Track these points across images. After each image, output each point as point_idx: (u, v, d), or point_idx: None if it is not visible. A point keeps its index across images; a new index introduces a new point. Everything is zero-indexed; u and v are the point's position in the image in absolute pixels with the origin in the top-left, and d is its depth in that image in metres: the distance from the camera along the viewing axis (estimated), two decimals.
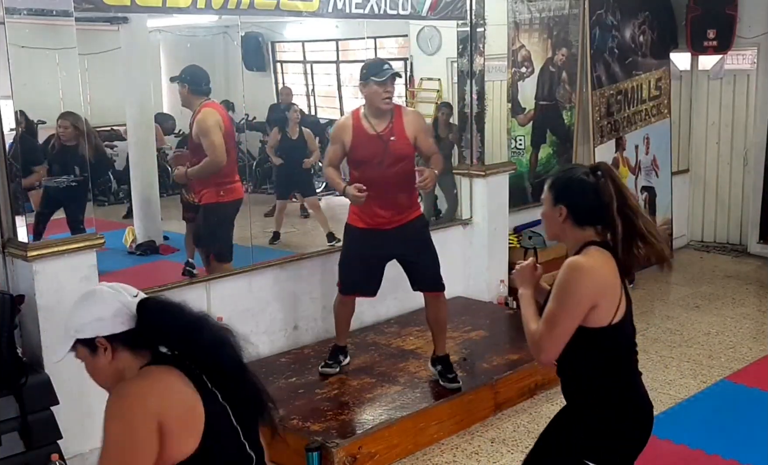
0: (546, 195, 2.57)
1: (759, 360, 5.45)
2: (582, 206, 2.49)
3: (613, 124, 7.45)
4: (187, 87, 5.18)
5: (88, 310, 1.96)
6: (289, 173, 7.47)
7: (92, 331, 1.94)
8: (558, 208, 2.51)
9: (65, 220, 4.23)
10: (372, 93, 4.37)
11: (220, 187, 5.29)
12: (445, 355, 4.67)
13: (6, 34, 3.67)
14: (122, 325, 1.94)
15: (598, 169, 2.51)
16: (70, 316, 2.00)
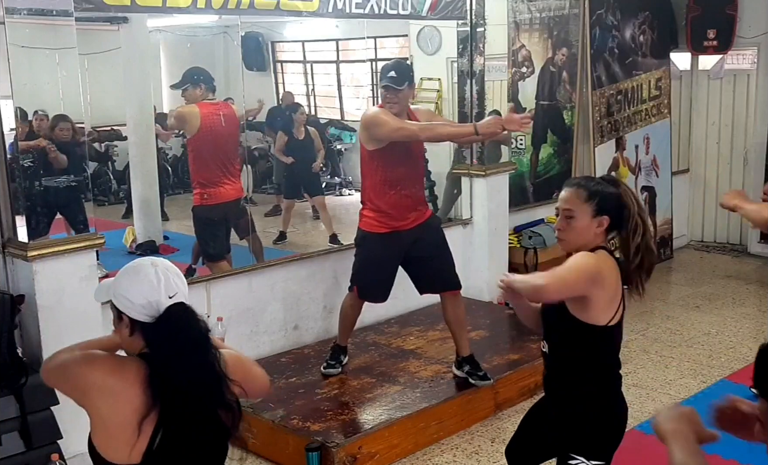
0: (582, 207, 2.59)
1: None
2: (620, 217, 2.60)
3: (613, 124, 7.45)
4: (204, 86, 5.26)
5: (127, 287, 2.02)
6: (297, 173, 7.47)
7: (122, 306, 2.02)
8: (598, 220, 2.58)
9: (62, 221, 4.24)
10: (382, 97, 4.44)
11: (205, 189, 5.35)
12: (470, 354, 4.66)
13: (6, 34, 3.67)
14: (145, 318, 2.00)
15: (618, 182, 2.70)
16: (117, 278, 2.07)
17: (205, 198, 5.37)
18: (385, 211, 4.48)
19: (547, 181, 7.14)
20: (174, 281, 2.03)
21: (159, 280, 2.00)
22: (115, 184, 8.52)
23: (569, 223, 2.61)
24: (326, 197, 7.87)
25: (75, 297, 3.92)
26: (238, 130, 5.61)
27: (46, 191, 3.93)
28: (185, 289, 2.07)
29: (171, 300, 2.00)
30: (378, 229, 4.53)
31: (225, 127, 5.37)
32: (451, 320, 4.67)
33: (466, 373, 4.62)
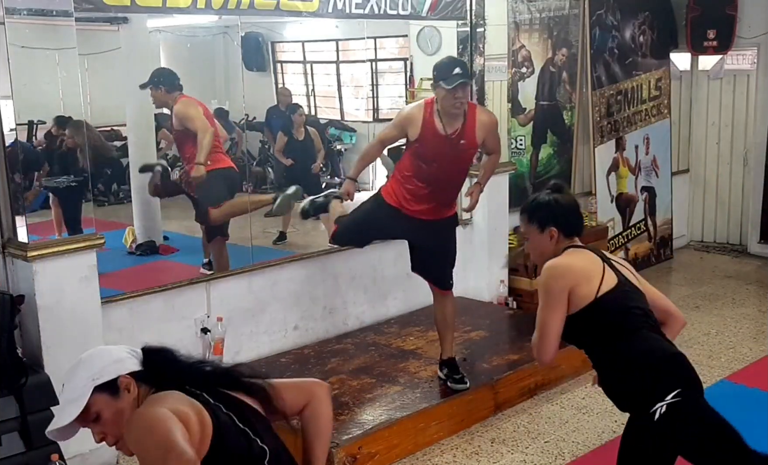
0: (527, 228, 2.89)
1: (759, 360, 5.45)
2: (566, 219, 2.85)
3: (613, 124, 7.45)
4: (164, 88, 5.44)
5: (101, 358, 2.01)
6: (297, 174, 7.47)
7: (113, 372, 1.98)
8: (548, 232, 2.83)
9: (54, 222, 4.25)
10: (441, 97, 4.16)
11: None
12: (451, 358, 4.65)
13: (6, 34, 3.67)
14: (136, 366, 2.02)
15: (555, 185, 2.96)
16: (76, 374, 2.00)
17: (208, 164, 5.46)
18: (404, 194, 4.39)
19: (547, 181, 7.08)
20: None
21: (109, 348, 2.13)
22: (115, 184, 8.51)
23: (529, 245, 2.94)
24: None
25: (75, 297, 3.92)
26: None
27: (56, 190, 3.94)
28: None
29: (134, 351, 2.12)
30: (391, 201, 4.44)
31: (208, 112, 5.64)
32: (437, 319, 4.69)
33: (445, 375, 4.61)
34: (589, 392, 4.89)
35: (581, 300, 2.69)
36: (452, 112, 4.18)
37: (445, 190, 4.40)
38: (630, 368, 2.67)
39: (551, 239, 2.83)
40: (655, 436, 2.57)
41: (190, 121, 5.39)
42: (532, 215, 2.88)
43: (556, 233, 2.83)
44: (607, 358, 2.74)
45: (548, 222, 2.84)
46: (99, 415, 1.97)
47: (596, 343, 2.76)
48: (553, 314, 2.73)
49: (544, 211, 2.86)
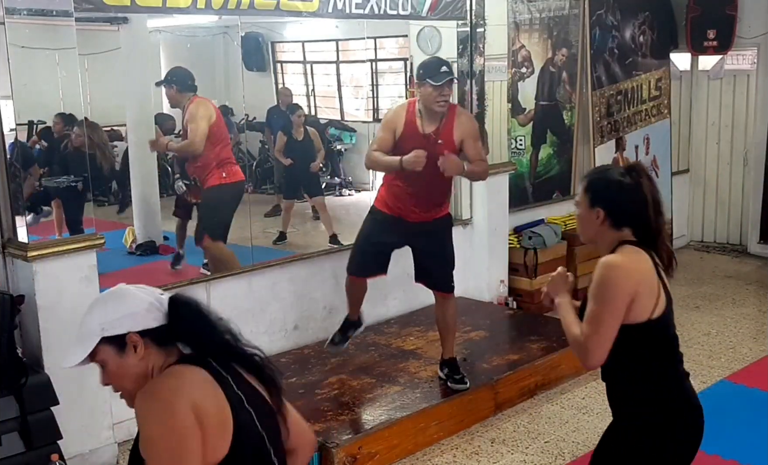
0: (581, 198, 2.53)
1: (759, 360, 5.45)
2: (620, 208, 2.47)
3: (613, 124, 7.45)
4: (175, 87, 5.38)
5: (118, 306, 1.87)
6: (296, 174, 7.48)
7: (123, 326, 1.85)
8: (595, 211, 2.48)
9: (55, 222, 4.25)
10: (426, 94, 4.24)
11: (223, 169, 5.41)
12: (451, 358, 4.66)
13: (6, 34, 3.68)
14: (155, 321, 1.88)
15: (634, 169, 2.50)
16: (92, 315, 1.89)
17: (224, 177, 5.43)
18: (391, 197, 4.47)
19: (546, 181, 7.14)
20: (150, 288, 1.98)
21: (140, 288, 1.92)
22: (115, 184, 8.52)
23: (577, 213, 2.58)
24: (327, 198, 7.87)
25: (75, 297, 3.92)
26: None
27: (46, 191, 3.93)
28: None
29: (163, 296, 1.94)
30: (382, 207, 4.53)
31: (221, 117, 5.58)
32: (438, 320, 4.70)
33: (445, 376, 4.62)
34: (589, 392, 4.89)
35: (633, 315, 2.39)
36: (435, 110, 4.27)
37: (429, 189, 4.42)
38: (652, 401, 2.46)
39: (597, 219, 2.48)
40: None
41: (192, 121, 5.34)
42: (588, 186, 2.53)
43: (603, 216, 2.47)
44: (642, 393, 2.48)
45: (599, 201, 2.48)
46: (104, 364, 1.90)
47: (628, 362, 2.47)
48: (614, 316, 2.36)
49: (601, 187, 2.50)
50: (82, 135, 4.21)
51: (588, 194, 2.51)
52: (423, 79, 4.24)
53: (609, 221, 2.47)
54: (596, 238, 2.54)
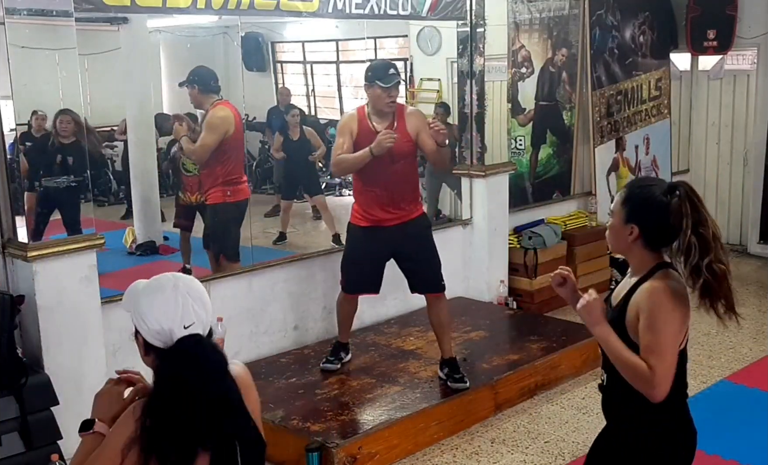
0: (617, 209, 2.42)
1: (759, 360, 5.45)
2: (656, 229, 2.36)
3: (613, 124, 7.45)
4: (197, 88, 5.24)
5: (144, 308, 1.92)
6: (294, 173, 7.47)
7: (137, 325, 1.95)
8: (629, 227, 2.38)
9: (62, 221, 4.24)
10: (375, 96, 4.43)
11: (228, 187, 5.33)
12: (451, 357, 4.67)
13: (6, 34, 3.68)
14: (157, 342, 1.92)
15: (677, 188, 2.35)
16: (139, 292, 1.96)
17: (228, 195, 5.37)
18: (365, 207, 4.59)
19: (546, 181, 7.14)
20: (192, 308, 1.91)
21: (177, 306, 1.89)
22: (115, 184, 8.52)
23: (610, 222, 2.47)
24: (327, 198, 7.87)
25: (75, 297, 3.92)
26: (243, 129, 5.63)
27: (46, 191, 3.93)
28: (205, 315, 1.94)
29: (186, 330, 1.89)
30: (360, 221, 4.62)
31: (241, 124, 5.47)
32: (433, 322, 4.71)
33: (445, 375, 4.63)
34: (589, 392, 4.89)
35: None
36: (384, 110, 4.43)
37: (397, 187, 4.51)
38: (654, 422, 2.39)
39: (630, 236, 2.38)
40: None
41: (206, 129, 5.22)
42: (628, 198, 2.41)
43: (636, 233, 2.37)
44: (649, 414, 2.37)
45: (636, 219, 2.37)
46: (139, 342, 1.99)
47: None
48: (673, 345, 2.27)
49: (642, 204, 2.38)
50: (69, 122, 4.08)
51: (625, 208, 2.40)
52: (372, 81, 4.41)
53: (642, 240, 2.38)
54: (626, 253, 2.46)
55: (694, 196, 2.36)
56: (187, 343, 1.88)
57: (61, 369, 3.84)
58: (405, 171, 4.54)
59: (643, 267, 2.40)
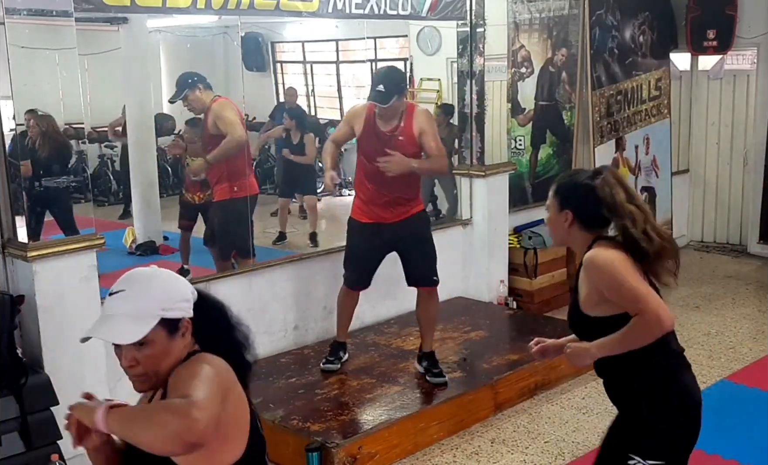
0: (551, 201, 2.59)
1: (759, 360, 5.45)
2: (587, 209, 2.51)
3: (613, 124, 7.45)
4: (201, 86, 5.22)
5: (176, 289, 1.85)
6: (292, 173, 7.47)
7: (180, 311, 1.83)
8: (564, 214, 2.55)
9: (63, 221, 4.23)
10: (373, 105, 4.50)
11: (234, 182, 5.33)
12: (431, 351, 4.70)
13: (6, 34, 3.67)
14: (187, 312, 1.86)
15: (601, 171, 2.54)
16: (150, 293, 1.82)
17: (235, 191, 5.35)
18: (365, 202, 4.61)
19: (546, 181, 7.12)
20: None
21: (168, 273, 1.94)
22: (115, 184, 8.53)
23: (547, 217, 2.65)
24: (326, 197, 7.88)
25: (75, 297, 3.92)
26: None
27: (46, 191, 3.93)
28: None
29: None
30: (360, 217, 4.65)
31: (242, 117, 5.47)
32: (419, 316, 4.74)
33: (424, 368, 4.66)
34: (589, 392, 4.89)
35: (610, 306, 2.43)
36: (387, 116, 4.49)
37: (398, 187, 4.52)
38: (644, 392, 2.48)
39: (566, 222, 2.54)
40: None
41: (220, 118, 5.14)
42: (556, 190, 2.59)
43: (571, 218, 2.52)
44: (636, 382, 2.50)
45: (568, 204, 2.54)
46: (150, 344, 1.81)
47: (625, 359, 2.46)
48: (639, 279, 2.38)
49: (570, 191, 2.56)
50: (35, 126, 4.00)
51: (557, 198, 2.58)
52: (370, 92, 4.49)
53: (577, 223, 2.53)
54: (567, 241, 2.62)
55: (617, 176, 2.53)
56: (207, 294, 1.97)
57: (61, 369, 3.84)
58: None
59: (584, 249, 2.53)
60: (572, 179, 2.63)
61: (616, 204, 2.45)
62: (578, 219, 2.53)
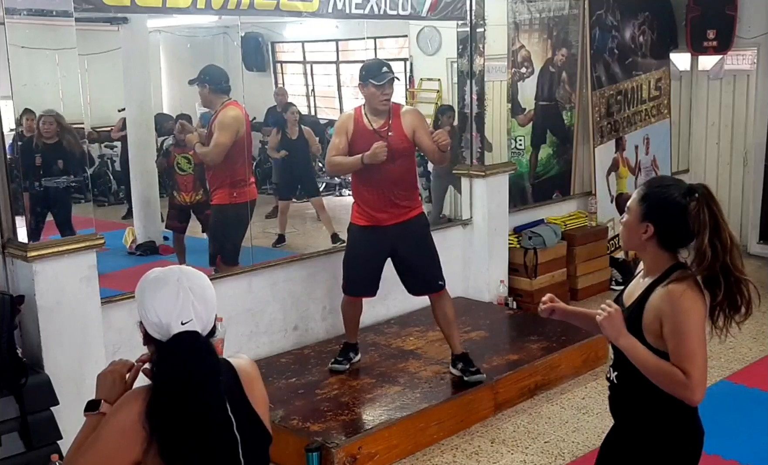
0: (634, 206, 2.41)
1: (759, 360, 5.45)
2: (671, 230, 2.35)
3: (613, 124, 7.45)
4: (208, 87, 5.25)
5: (147, 298, 1.93)
6: (292, 173, 7.47)
7: (140, 315, 1.97)
8: (644, 225, 2.37)
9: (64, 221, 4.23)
10: (370, 94, 4.48)
11: (234, 189, 5.34)
12: (464, 352, 4.68)
13: (6, 34, 3.67)
14: (156, 335, 1.94)
15: (696, 191, 2.32)
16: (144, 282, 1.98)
17: (234, 196, 5.37)
18: (363, 206, 4.60)
19: (546, 181, 7.13)
20: (192, 305, 1.91)
21: (176, 301, 1.90)
22: (115, 184, 8.52)
23: (625, 218, 2.46)
24: (327, 197, 7.86)
25: (75, 297, 3.92)
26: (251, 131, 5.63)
27: (45, 191, 3.92)
28: (205, 312, 1.94)
29: (183, 326, 1.90)
30: (359, 221, 4.64)
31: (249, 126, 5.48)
32: (439, 320, 4.72)
33: (460, 371, 4.65)
34: (589, 392, 4.89)
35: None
36: (379, 108, 4.48)
37: (394, 187, 4.54)
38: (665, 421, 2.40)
39: (644, 234, 2.37)
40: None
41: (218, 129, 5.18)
42: (646, 196, 2.39)
43: (652, 232, 2.35)
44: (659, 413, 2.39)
45: (653, 217, 2.35)
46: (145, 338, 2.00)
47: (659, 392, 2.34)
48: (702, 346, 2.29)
49: (661, 204, 2.36)
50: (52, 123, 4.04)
51: (642, 206, 2.39)
52: (366, 81, 4.47)
53: (656, 239, 2.37)
54: (639, 251, 2.47)
55: (712, 200, 2.32)
56: (181, 341, 1.90)
57: (61, 369, 3.84)
58: (402, 170, 4.56)
59: (658, 267, 2.39)
60: (665, 191, 2.39)
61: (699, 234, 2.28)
62: (657, 236, 2.36)
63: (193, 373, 1.88)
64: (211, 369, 1.91)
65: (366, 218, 4.61)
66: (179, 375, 1.87)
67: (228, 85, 5.35)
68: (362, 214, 4.62)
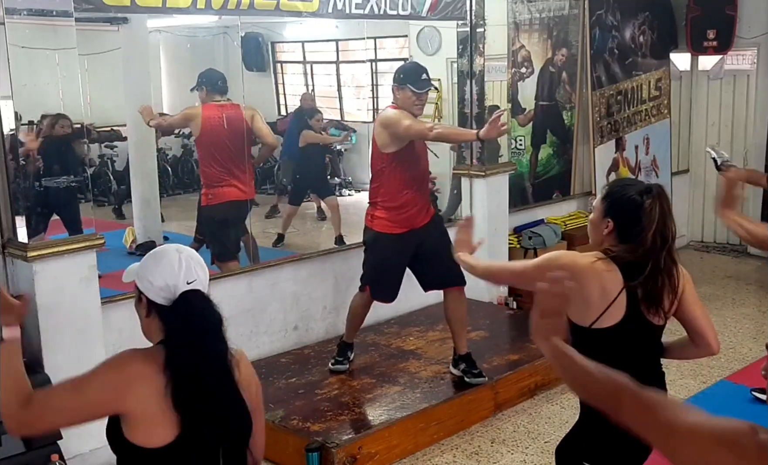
0: (598, 204, 2.64)
1: (759, 360, 5.45)
2: (628, 225, 2.53)
3: (613, 124, 7.45)
4: (205, 89, 5.31)
5: (148, 269, 2.06)
6: (306, 177, 7.42)
7: (142, 287, 2.06)
8: (606, 221, 2.57)
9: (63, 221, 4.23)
10: (406, 98, 4.44)
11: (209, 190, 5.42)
12: (467, 353, 4.68)
13: (6, 34, 3.67)
14: (162, 300, 2.04)
15: (652, 190, 2.55)
16: (143, 260, 2.11)
17: (210, 198, 5.42)
18: (400, 211, 4.53)
19: (546, 181, 7.14)
20: (195, 269, 2.06)
21: (180, 266, 2.04)
22: (115, 184, 8.52)
23: (590, 217, 2.68)
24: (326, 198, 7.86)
25: (75, 297, 3.92)
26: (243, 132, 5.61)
27: (46, 191, 3.92)
28: (205, 278, 2.09)
29: (188, 286, 2.03)
30: (392, 229, 4.55)
31: (227, 128, 5.39)
32: (451, 317, 4.68)
33: (462, 371, 4.64)
34: None
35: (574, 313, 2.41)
36: (414, 113, 4.47)
37: (423, 183, 4.68)
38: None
39: (605, 229, 2.55)
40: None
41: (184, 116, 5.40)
42: (608, 194, 2.61)
43: (611, 227, 2.54)
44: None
45: (613, 214, 2.55)
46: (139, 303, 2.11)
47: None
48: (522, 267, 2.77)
49: (620, 202, 2.56)
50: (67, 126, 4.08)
51: (604, 203, 2.60)
52: (403, 84, 4.45)
53: (615, 234, 2.55)
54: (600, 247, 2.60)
55: (664, 199, 2.58)
56: (191, 297, 2.03)
57: (61, 369, 3.83)
58: (427, 168, 4.70)
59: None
60: (623, 191, 2.60)
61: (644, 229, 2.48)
62: (617, 230, 2.55)
63: (208, 320, 2.03)
64: (219, 318, 2.06)
65: (401, 224, 4.54)
66: (195, 324, 2.01)
67: (224, 86, 5.37)
68: (396, 222, 4.54)
